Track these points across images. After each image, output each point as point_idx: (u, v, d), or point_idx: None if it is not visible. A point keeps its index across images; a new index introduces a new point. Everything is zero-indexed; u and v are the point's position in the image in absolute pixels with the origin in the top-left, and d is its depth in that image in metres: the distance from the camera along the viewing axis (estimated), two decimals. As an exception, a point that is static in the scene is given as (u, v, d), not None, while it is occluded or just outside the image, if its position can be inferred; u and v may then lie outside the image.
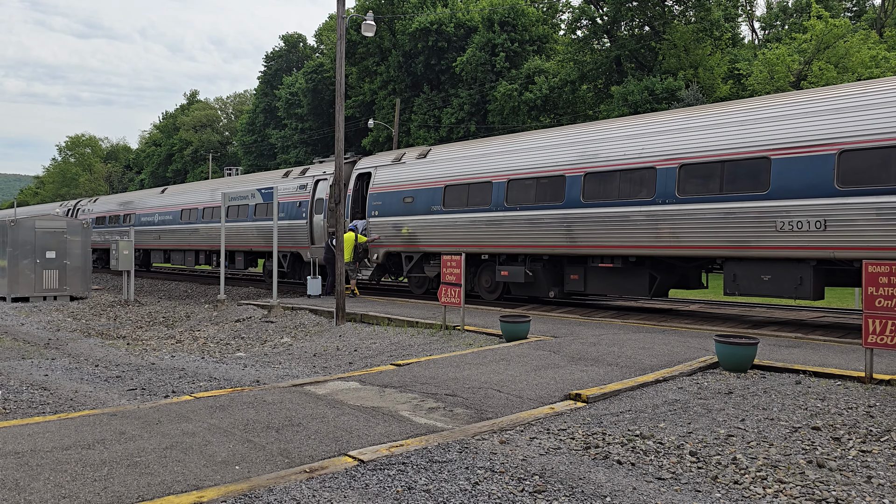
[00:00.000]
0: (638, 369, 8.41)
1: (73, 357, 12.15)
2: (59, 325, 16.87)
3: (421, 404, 6.86)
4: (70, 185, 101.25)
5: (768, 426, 6.07)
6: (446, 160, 17.82)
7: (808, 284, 11.55)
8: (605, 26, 39.51)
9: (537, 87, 40.40)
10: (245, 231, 24.52)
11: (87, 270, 22.75)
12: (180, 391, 8.97)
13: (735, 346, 8.37)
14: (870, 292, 7.65)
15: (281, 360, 11.82)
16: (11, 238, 21.16)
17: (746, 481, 4.83)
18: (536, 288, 15.71)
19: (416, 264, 18.40)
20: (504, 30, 44.28)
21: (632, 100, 33.48)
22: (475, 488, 4.65)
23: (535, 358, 9.22)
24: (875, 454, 5.34)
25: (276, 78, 68.75)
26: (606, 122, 15.67)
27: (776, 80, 29.85)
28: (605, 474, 4.95)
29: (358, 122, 53.04)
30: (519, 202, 15.52)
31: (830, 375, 7.97)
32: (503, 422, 6.20)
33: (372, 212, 19.26)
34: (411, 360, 9.38)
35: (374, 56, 51.81)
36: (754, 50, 41.44)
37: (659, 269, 13.88)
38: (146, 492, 4.46)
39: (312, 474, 4.82)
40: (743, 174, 12.04)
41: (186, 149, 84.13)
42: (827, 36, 29.89)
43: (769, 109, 12.14)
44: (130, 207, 34.66)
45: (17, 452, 5.19)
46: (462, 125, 44.23)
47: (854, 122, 10.88)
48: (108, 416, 6.31)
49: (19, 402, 8.13)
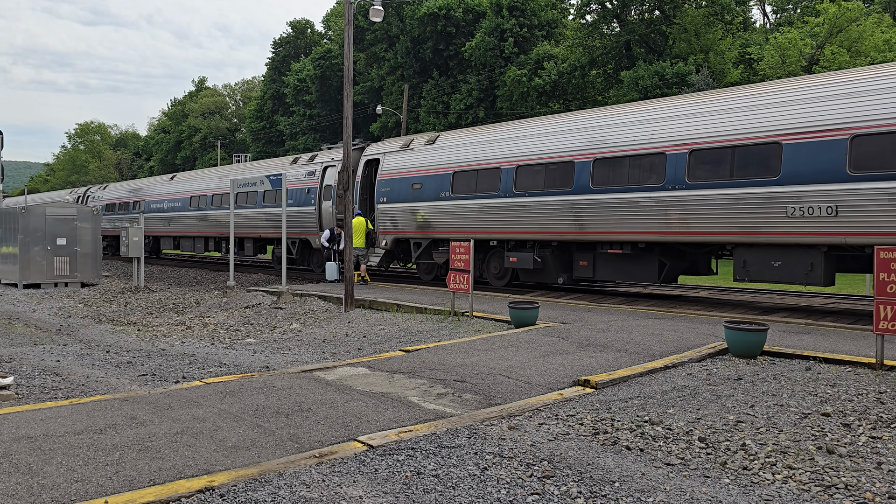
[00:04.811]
0: (647, 355, 8.40)
1: (85, 343, 12.24)
2: (70, 312, 16.99)
3: (430, 390, 6.88)
4: (80, 172, 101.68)
5: (778, 412, 6.05)
6: (455, 146, 17.77)
7: (818, 270, 11.48)
8: (614, 10, 39.18)
9: (546, 72, 40.15)
10: (254, 218, 24.57)
11: (98, 257, 22.88)
12: (190, 377, 9.03)
13: (745, 332, 8.34)
14: (881, 278, 7.59)
15: (290, 346, 11.87)
16: (23, 225, 21.28)
17: (756, 467, 4.82)
18: (545, 274, 15.69)
19: (425, 251, 18.40)
20: (513, 14, 43.96)
21: (642, 85, 33.25)
22: (484, 473, 4.66)
23: (544, 344, 9.22)
24: (885, 440, 5.32)
25: (283, 64, 68.57)
26: (616, 107, 15.57)
27: (788, 65, 29.56)
28: (613, 460, 4.96)
29: (366, 108, 52.91)
30: (528, 188, 15.47)
31: (841, 362, 7.93)
32: (512, 407, 6.21)
33: (381, 198, 19.25)
34: (420, 347, 9.40)
35: (382, 42, 51.59)
36: (766, 34, 41.01)
37: (668, 255, 13.82)
38: (157, 476, 4.49)
39: (322, 459, 4.84)
40: (753, 160, 11.95)
41: (195, 136, 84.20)
42: (840, 19, 29.54)
43: (780, 94, 12.01)
44: (140, 194, 34.78)
45: (30, 437, 5.24)
46: (471, 111, 44.06)
47: (867, 107, 10.76)
48: (119, 401, 6.36)
49: (32, 387, 8.21)
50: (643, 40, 38.04)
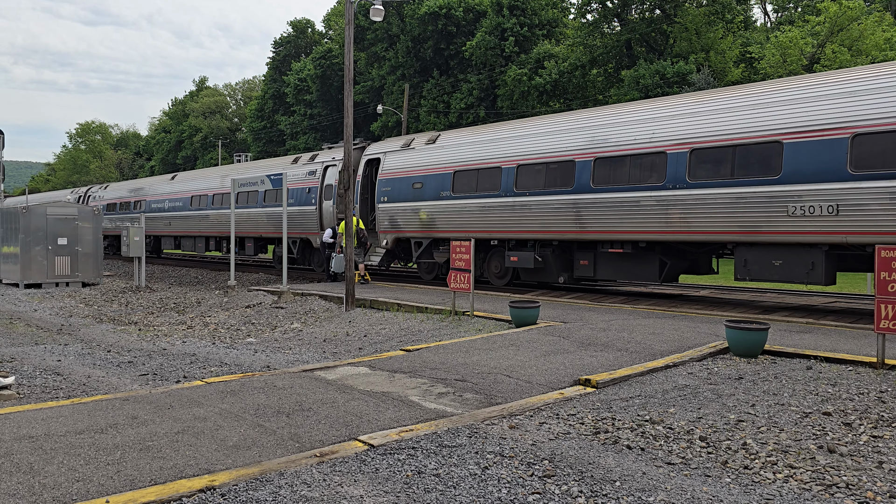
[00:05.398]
0: (648, 355, 8.40)
1: (86, 342, 12.25)
2: (71, 311, 17.01)
3: (430, 389, 6.88)
4: (81, 171, 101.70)
5: (779, 411, 6.05)
6: (455, 146, 17.77)
7: (819, 269, 11.48)
8: (615, 9, 39.16)
9: (547, 71, 40.14)
10: (255, 217, 24.58)
11: (99, 257, 22.90)
12: (191, 376, 9.03)
13: (745, 331, 8.33)
14: (882, 277, 7.58)
15: (291, 345, 11.88)
16: (24, 225, 21.30)
17: (756, 466, 4.82)
18: (546, 273, 15.69)
19: (426, 250, 18.40)
20: (513, 14, 43.95)
21: (642, 84, 33.23)
22: (485, 473, 4.66)
23: (545, 343, 9.22)
24: (886, 439, 5.32)
25: (284, 64, 68.59)
26: (616, 106, 15.56)
27: (789, 64, 29.53)
28: (614, 459, 4.96)
29: (367, 107, 52.91)
30: (528, 187, 15.46)
31: (842, 361, 7.92)
32: (513, 407, 6.21)
33: (381, 198, 19.25)
34: (421, 346, 9.40)
35: (382, 41, 51.59)
36: (767, 33, 40.98)
37: (669, 254, 13.82)
38: (158, 475, 4.50)
39: (323, 458, 4.85)
40: (754, 159, 11.94)
41: (196, 135, 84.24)
42: (841, 18, 29.50)
43: (781, 93, 12.00)
44: (141, 194, 34.80)
45: (32, 436, 5.24)
46: (471, 110, 44.05)
47: (868, 106, 10.75)
48: (120, 400, 6.36)
49: (33, 386, 8.21)
50: (644, 39, 38.02)
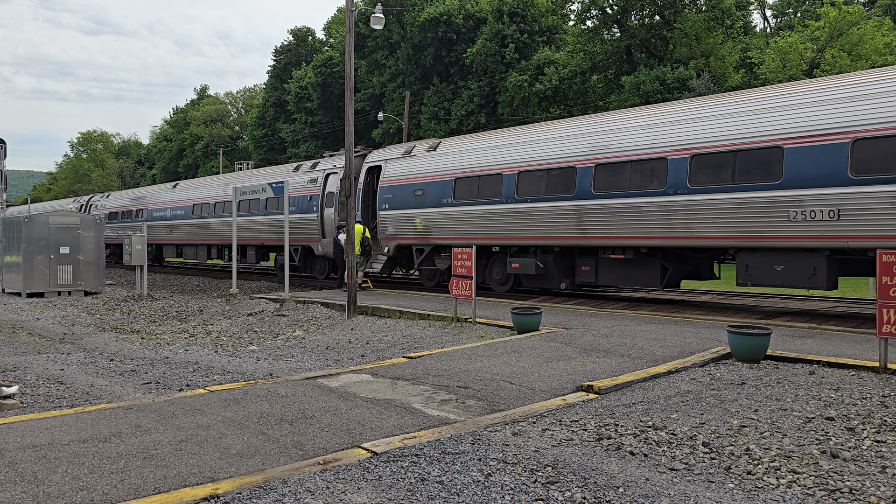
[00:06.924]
0: (650, 360, 8.40)
1: (89, 351, 12.26)
2: (73, 320, 17.02)
3: (433, 396, 6.89)
4: (82, 180, 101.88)
5: (781, 416, 6.05)
6: (456, 152, 17.80)
7: (821, 274, 11.48)
8: (614, 16, 39.25)
9: (547, 77, 40.21)
10: (256, 225, 24.62)
11: (101, 265, 22.91)
12: (194, 385, 9.04)
13: (748, 336, 8.33)
14: (884, 282, 7.59)
15: (293, 353, 11.88)
16: (26, 234, 21.33)
17: (759, 472, 4.82)
18: (547, 280, 15.69)
19: (427, 257, 18.41)
20: (513, 20, 44.08)
21: (643, 90, 33.28)
22: (488, 479, 4.66)
23: (547, 350, 9.22)
24: (890, 444, 5.31)
25: (285, 72, 68.78)
26: (617, 112, 15.60)
27: (789, 69, 29.57)
28: (617, 465, 4.96)
29: (368, 115, 53.02)
30: (529, 194, 15.48)
31: (844, 365, 7.92)
32: (515, 413, 6.22)
33: (383, 205, 19.28)
34: (423, 353, 9.40)
35: (383, 49, 51.74)
36: (766, 38, 41.05)
37: (671, 259, 13.82)
38: (162, 484, 4.50)
39: (326, 466, 4.85)
40: (755, 164, 11.96)
41: (197, 143, 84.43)
42: (840, 23, 29.55)
43: (782, 98, 12.03)
44: (142, 202, 34.87)
45: (36, 446, 5.25)
46: (472, 117, 44.13)
47: (868, 110, 10.77)
48: (123, 409, 6.37)
49: (36, 395, 8.22)
50: (644, 45, 38.10)
